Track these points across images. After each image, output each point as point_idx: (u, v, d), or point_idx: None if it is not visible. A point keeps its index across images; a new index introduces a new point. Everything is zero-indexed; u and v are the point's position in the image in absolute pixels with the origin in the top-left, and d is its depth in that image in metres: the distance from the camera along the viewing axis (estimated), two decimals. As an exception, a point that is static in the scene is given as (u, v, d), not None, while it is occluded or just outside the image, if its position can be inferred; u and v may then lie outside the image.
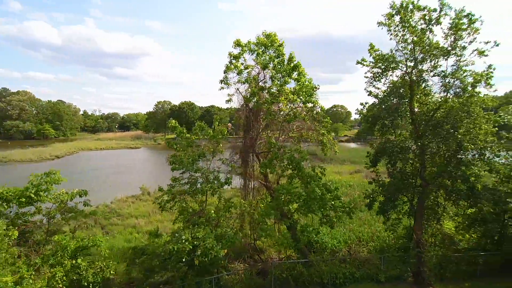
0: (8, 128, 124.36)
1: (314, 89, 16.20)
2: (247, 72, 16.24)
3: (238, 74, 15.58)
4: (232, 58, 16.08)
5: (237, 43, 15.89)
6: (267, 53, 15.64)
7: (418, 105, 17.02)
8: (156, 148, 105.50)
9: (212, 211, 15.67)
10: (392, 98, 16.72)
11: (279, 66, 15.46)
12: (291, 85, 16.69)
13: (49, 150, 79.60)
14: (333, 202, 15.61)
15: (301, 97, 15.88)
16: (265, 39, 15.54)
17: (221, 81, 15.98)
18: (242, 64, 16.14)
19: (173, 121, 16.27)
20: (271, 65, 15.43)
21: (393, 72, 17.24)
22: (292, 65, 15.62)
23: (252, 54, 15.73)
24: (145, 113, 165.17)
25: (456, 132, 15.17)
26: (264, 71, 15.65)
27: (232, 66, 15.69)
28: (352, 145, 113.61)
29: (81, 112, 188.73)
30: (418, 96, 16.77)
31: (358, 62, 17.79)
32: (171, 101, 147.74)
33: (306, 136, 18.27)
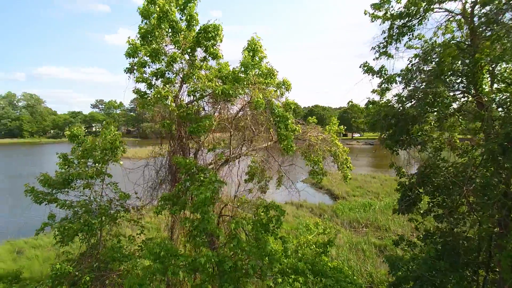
0: (144, 129, 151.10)
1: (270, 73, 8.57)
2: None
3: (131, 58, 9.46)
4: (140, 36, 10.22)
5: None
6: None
7: (493, 89, 7.34)
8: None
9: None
10: (424, 76, 7.63)
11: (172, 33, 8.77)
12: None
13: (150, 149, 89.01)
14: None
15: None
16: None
17: (128, 70, 10.35)
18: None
19: None
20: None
21: (425, 19, 8.09)
22: (197, 29, 8.56)
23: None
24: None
25: None
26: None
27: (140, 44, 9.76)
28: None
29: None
30: (491, 67, 7.17)
31: (372, 15, 9.28)
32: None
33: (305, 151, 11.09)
